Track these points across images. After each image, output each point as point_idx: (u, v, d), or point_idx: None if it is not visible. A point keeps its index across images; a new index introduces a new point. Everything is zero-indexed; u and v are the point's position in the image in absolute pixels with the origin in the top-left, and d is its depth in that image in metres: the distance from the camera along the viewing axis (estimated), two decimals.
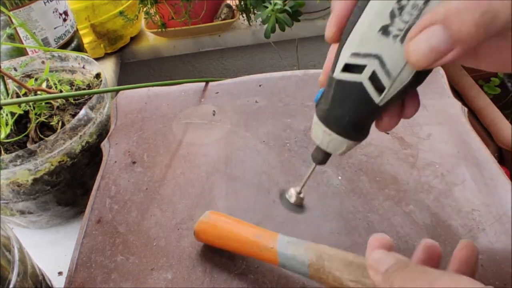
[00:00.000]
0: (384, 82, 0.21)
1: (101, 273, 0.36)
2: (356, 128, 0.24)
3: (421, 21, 0.19)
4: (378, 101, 0.22)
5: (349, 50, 0.21)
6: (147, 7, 0.87)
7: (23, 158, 0.45)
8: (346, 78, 0.22)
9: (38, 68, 0.61)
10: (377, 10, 0.20)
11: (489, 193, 0.40)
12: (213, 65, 1.10)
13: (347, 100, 0.23)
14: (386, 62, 0.20)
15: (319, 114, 0.25)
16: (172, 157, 0.47)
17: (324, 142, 0.25)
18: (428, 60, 0.19)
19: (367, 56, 0.21)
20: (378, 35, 0.20)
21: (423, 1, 0.18)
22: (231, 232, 0.35)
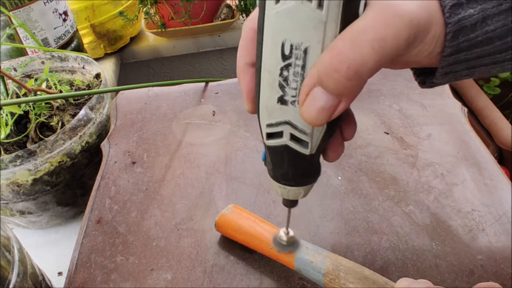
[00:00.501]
0: (304, 138, 0.23)
1: (101, 273, 0.36)
2: (302, 177, 0.26)
3: (303, 87, 0.20)
4: (309, 153, 0.23)
5: (264, 122, 0.23)
6: (147, 7, 0.87)
7: (23, 158, 0.45)
8: (273, 143, 0.24)
9: (38, 68, 0.61)
10: (269, 85, 0.21)
11: (489, 193, 0.40)
12: (213, 65, 1.10)
13: (283, 160, 0.25)
14: (297, 124, 0.22)
15: (269, 173, 0.27)
16: (172, 158, 0.47)
17: (284, 194, 0.28)
18: (323, 118, 0.20)
19: (279, 124, 0.22)
20: (279, 105, 0.22)
21: (300, 68, 0.20)
22: (252, 229, 0.36)
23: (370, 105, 0.52)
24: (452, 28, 0.20)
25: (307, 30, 0.19)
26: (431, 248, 0.36)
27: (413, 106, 0.51)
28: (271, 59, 0.20)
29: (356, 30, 0.18)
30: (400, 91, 0.53)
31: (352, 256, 0.36)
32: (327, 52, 0.19)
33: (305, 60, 0.19)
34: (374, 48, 0.18)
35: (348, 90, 0.19)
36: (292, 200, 0.29)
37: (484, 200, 0.40)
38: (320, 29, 0.18)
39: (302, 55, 0.19)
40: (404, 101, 0.52)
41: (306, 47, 0.19)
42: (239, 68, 0.24)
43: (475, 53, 0.21)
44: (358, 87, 0.19)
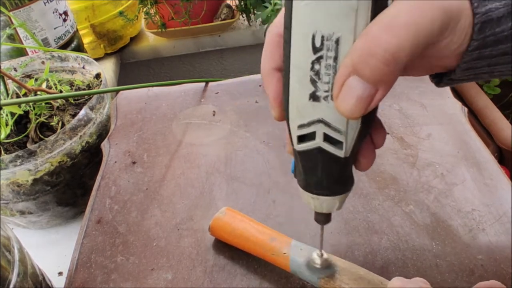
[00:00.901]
0: (339, 138, 0.22)
1: (101, 273, 0.36)
2: (338, 184, 0.25)
3: (337, 78, 0.19)
4: (343, 155, 0.22)
5: (295, 123, 0.22)
6: (147, 7, 0.87)
7: (23, 158, 0.45)
8: (305, 147, 0.23)
9: (38, 68, 0.61)
10: (299, 82, 0.21)
11: (489, 193, 0.40)
12: (213, 65, 1.10)
13: (316, 166, 0.23)
14: (330, 122, 0.21)
15: (300, 184, 0.26)
16: (172, 158, 0.47)
17: (318, 206, 0.26)
18: (360, 110, 0.19)
19: (311, 123, 0.21)
20: (310, 102, 0.21)
21: (332, 60, 0.19)
22: (246, 232, 0.35)
23: None
24: (480, 19, 0.19)
25: (338, 19, 0.18)
26: (431, 248, 0.36)
27: (413, 106, 0.51)
28: (301, 54, 0.20)
29: (390, 15, 0.18)
30: (400, 91, 0.53)
31: (353, 256, 0.36)
32: (360, 38, 0.18)
33: (337, 51, 0.19)
34: (409, 32, 0.18)
35: (385, 76, 0.18)
36: (326, 214, 0.27)
37: (484, 200, 0.40)
38: (351, 17, 0.18)
39: (334, 45, 0.19)
40: (404, 101, 0.52)
41: (338, 37, 0.18)
42: (264, 73, 0.24)
43: (500, 50, 0.20)
44: (395, 73, 0.18)
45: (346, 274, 0.31)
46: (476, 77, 0.23)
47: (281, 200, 0.41)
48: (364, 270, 0.31)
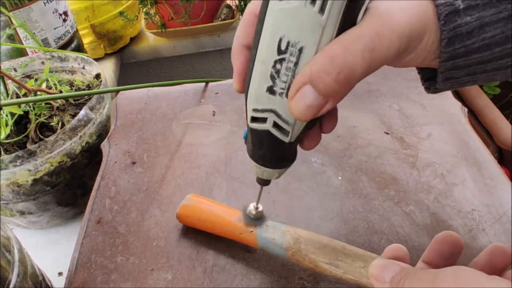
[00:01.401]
0: (285, 128, 0.24)
1: (101, 273, 0.36)
2: (279, 160, 0.28)
3: (295, 82, 0.21)
4: (288, 140, 0.25)
5: (251, 106, 0.24)
6: (147, 8, 0.87)
7: (23, 158, 0.45)
8: (256, 127, 0.25)
9: (38, 68, 0.61)
10: (260, 74, 0.22)
11: (489, 193, 0.40)
12: (213, 65, 1.10)
13: (263, 143, 0.26)
14: (281, 114, 0.23)
15: (248, 152, 0.29)
16: (172, 158, 0.47)
17: (259, 173, 0.29)
18: (309, 115, 0.21)
19: (265, 111, 0.24)
20: (267, 94, 0.23)
21: (293, 64, 0.21)
22: (213, 215, 0.37)
23: (370, 105, 0.52)
24: (447, 35, 0.21)
25: (306, 31, 0.20)
26: None
27: (413, 106, 0.51)
28: (267, 51, 0.21)
29: (350, 37, 0.19)
30: (400, 91, 0.53)
31: None
32: (321, 54, 0.20)
33: (298, 58, 0.21)
34: (365, 57, 0.19)
35: (335, 92, 0.20)
36: (265, 181, 0.30)
37: (484, 200, 0.40)
38: (317, 32, 0.19)
39: (297, 53, 0.20)
40: (404, 101, 0.52)
41: (301, 47, 0.20)
42: (234, 47, 0.25)
43: (474, 59, 0.21)
44: (345, 91, 0.20)
45: (311, 243, 0.32)
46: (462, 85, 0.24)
47: (281, 200, 0.41)
48: (327, 238, 0.33)
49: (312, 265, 0.32)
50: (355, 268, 0.31)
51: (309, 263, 0.32)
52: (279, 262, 0.36)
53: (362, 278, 0.30)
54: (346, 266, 0.31)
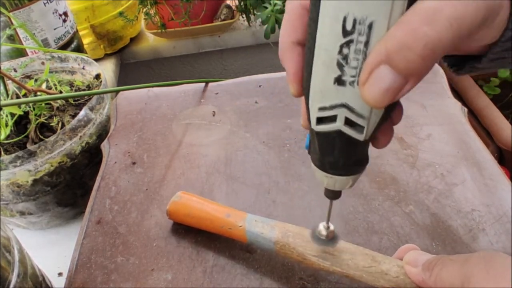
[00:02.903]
0: (360, 123, 0.21)
1: (101, 273, 0.36)
2: (353, 165, 0.25)
3: (366, 65, 0.18)
4: (363, 138, 0.22)
5: (315, 105, 0.22)
6: (147, 8, 0.87)
7: (23, 159, 0.45)
8: (324, 129, 0.22)
9: (38, 69, 0.61)
10: (324, 65, 0.20)
11: (489, 193, 0.40)
12: (213, 65, 1.10)
13: (334, 147, 0.23)
14: (354, 107, 0.20)
15: (314, 162, 0.25)
16: (172, 158, 0.47)
17: (330, 184, 0.26)
18: (386, 100, 0.19)
19: (334, 107, 0.21)
20: (335, 86, 0.20)
21: (363, 45, 0.18)
22: (202, 211, 0.37)
23: None
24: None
25: (373, 3, 0.17)
26: (431, 248, 0.36)
27: (413, 106, 0.51)
28: (330, 36, 0.19)
29: (432, 6, 0.17)
30: None
31: None
32: (398, 27, 0.17)
33: (369, 36, 0.18)
34: (453, 26, 0.17)
35: (419, 70, 0.18)
36: (336, 193, 0.27)
37: (484, 200, 0.40)
38: (388, 1, 0.17)
39: (366, 30, 0.18)
40: (404, 101, 0.52)
41: (371, 22, 0.18)
42: (284, 47, 0.23)
43: None
44: (429, 66, 0.18)
45: (299, 237, 0.33)
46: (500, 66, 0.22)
47: (281, 200, 0.41)
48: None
49: (300, 258, 0.32)
50: (343, 260, 0.31)
51: (297, 256, 0.32)
52: (279, 262, 0.36)
53: (349, 270, 0.31)
54: (334, 258, 0.31)
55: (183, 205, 0.38)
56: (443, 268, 0.25)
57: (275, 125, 0.50)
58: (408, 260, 0.28)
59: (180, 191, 0.40)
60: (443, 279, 0.24)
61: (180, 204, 0.38)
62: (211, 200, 0.39)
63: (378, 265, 0.30)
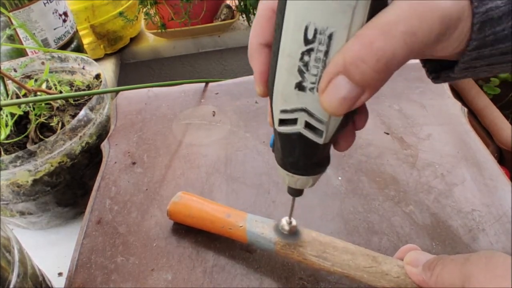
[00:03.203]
0: (319, 127, 0.22)
1: (101, 273, 0.36)
2: (313, 166, 0.25)
3: (325, 74, 0.19)
4: (322, 142, 0.23)
5: (277, 107, 0.22)
6: (147, 8, 0.87)
7: (23, 159, 0.45)
8: (285, 130, 0.23)
9: (38, 69, 0.61)
10: (287, 70, 0.20)
11: (489, 193, 0.40)
12: (213, 65, 1.10)
13: (294, 148, 0.24)
14: (313, 112, 0.21)
15: (277, 161, 0.26)
16: (172, 158, 0.47)
17: (292, 182, 0.27)
18: (344, 109, 0.19)
19: (294, 111, 0.22)
20: (296, 91, 0.21)
21: (323, 54, 0.19)
22: (202, 212, 0.37)
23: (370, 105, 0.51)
24: (479, 18, 0.19)
25: (334, 15, 0.18)
26: (431, 248, 0.36)
27: (413, 106, 0.51)
28: (292, 43, 0.19)
29: (388, 20, 0.18)
30: (400, 91, 0.53)
31: None
32: (355, 40, 0.18)
33: (329, 46, 0.19)
34: (406, 42, 0.18)
35: (374, 82, 0.19)
36: (297, 191, 0.28)
37: (484, 200, 0.40)
38: (348, 14, 0.18)
39: (326, 40, 0.19)
40: (404, 101, 0.52)
41: (331, 33, 0.18)
42: (252, 48, 0.23)
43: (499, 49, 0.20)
44: (384, 80, 0.19)
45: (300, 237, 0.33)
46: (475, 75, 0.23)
47: (281, 200, 0.41)
48: (315, 232, 0.33)
49: (301, 258, 0.32)
50: (343, 260, 0.31)
51: (298, 256, 0.32)
52: (279, 262, 0.36)
53: (350, 270, 0.31)
54: (334, 258, 0.31)
55: (183, 206, 0.38)
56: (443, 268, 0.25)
57: None
58: (409, 260, 0.29)
59: (180, 191, 0.40)
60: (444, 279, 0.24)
61: (181, 205, 0.38)
62: (211, 200, 0.39)
63: (378, 266, 0.30)
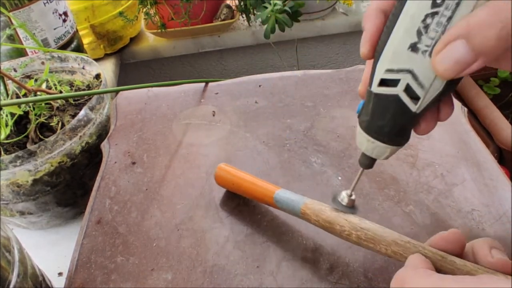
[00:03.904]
0: (418, 93, 0.23)
1: (101, 273, 0.36)
2: (397, 135, 0.26)
3: (446, 36, 0.20)
4: (415, 110, 0.24)
5: (383, 66, 0.23)
6: (147, 8, 0.87)
7: (23, 159, 0.45)
8: (383, 91, 0.24)
9: (38, 69, 0.61)
10: (405, 30, 0.22)
11: (489, 193, 0.40)
12: (213, 65, 1.10)
13: (386, 111, 0.25)
14: (418, 75, 0.22)
15: (361, 125, 0.27)
16: (172, 158, 0.47)
17: (369, 149, 0.27)
18: (454, 72, 0.20)
19: (400, 71, 0.23)
20: (408, 52, 0.22)
21: (446, 19, 0.20)
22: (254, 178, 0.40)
23: None
24: None
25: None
26: None
27: None
28: (419, 4, 0.21)
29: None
30: None
31: (353, 255, 0.36)
32: (484, 7, 0.19)
33: (454, 12, 0.20)
34: None
35: (490, 50, 0.19)
36: (370, 161, 0.28)
37: (484, 200, 0.40)
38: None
39: (453, 6, 0.20)
40: None
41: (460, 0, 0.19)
42: (370, 10, 0.24)
43: None
44: (500, 50, 0.19)
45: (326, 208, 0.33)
46: None
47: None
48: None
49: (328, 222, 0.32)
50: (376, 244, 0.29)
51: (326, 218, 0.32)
52: (279, 263, 0.36)
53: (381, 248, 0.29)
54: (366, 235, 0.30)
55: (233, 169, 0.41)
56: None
57: (275, 125, 0.50)
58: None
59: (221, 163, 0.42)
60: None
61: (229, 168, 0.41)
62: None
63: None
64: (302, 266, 0.35)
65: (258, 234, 0.38)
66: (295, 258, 0.36)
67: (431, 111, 0.26)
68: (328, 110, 0.51)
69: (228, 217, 0.40)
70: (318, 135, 0.48)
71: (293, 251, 0.37)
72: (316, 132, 0.49)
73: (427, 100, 0.23)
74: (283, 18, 0.67)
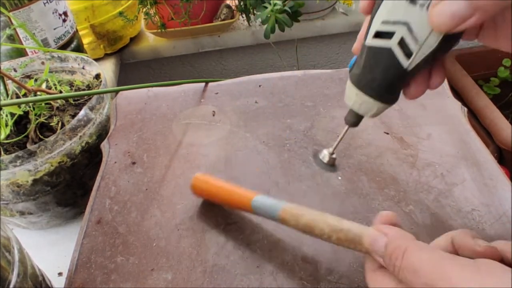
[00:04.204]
0: (412, 47, 0.23)
1: (101, 273, 0.36)
2: (386, 91, 0.26)
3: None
4: (407, 65, 0.24)
5: (380, 18, 0.24)
6: (147, 8, 0.87)
7: (22, 158, 0.45)
8: (377, 44, 0.24)
9: (38, 68, 0.61)
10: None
11: (489, 193, 0.40)
12: (213, 65, 1.10)
13: (377, 64, 0.25)
14: (414, 28, 0.22)
15: (352, 79, 0.27)
16: (172, 158, 0.47)
17: (356, 104, 0.27)
18: (450, 25, 0.20)
19: (396, 23, 0.23)
20: (406, 4, 0.22)
21: None
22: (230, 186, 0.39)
23: None
24: None
25: None
26: None
27: (413, 106, 0.51)
28: None
29: None
30: None
31: (353, 255, 0.36)
32: None
33: None
34: None
35: (488, 6, 0.19)
36: (357, 117, 0.28)
37: (484, 200, 0.40)
38: None
39: None
40: (404, 101, 0.52)
41: None
42: None
43: None
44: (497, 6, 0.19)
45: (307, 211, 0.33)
46: None
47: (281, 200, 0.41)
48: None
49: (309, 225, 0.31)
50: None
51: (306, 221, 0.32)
52: (279, 263, 0.36)
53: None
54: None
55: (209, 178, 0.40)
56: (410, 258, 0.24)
57: (275, 125, 0.50)
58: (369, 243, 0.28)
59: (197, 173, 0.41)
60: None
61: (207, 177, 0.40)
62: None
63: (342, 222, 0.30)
64: (302, 266, 0.35)
65: (258, 234, 0.38)
66: (295, 258, 0.36)
67: (422, 74, 0.26)
68: (328, 110, 0.51)
69: (228, 216, 0.40)
70: (318, 135, 0.48)
71: (293, 251, 0.37)
72: (316, 132, 0.49)
73: (419, 56, 0.23)
74: (283, 18, 0.67)
